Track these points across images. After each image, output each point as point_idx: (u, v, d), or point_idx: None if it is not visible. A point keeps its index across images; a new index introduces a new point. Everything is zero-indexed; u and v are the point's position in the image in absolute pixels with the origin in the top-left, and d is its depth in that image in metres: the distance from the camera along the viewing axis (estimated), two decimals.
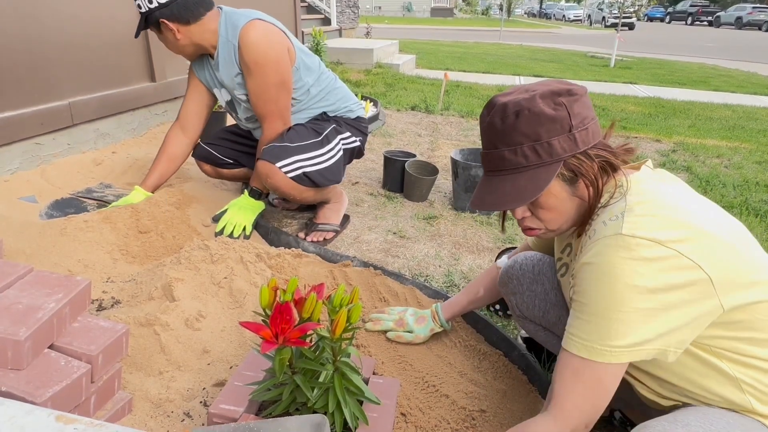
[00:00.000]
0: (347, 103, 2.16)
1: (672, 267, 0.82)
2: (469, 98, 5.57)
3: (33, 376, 0.96)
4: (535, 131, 0.92)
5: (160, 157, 2.11)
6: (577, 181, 0.95)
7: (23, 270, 1.13)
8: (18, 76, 2.21)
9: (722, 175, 3.36)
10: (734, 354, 0.88)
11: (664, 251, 0.83)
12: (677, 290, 0.83)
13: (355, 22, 9.30)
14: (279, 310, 0.93)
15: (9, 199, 2.00)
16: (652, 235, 0.84)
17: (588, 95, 0.96)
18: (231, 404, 1.08)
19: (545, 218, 1.00)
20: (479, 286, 1.48)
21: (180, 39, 1.87)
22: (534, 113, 0.91)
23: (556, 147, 0.92)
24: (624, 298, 0.83)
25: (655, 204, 0.89)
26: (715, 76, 9.21)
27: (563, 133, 0.91)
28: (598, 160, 0.93)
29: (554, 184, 0.95)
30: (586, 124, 0.92)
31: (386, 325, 1.52)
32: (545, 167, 0.93)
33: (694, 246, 0.84)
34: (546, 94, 0.93)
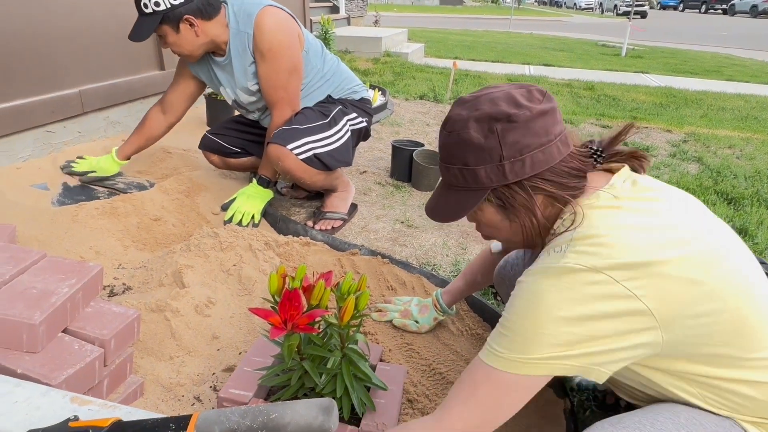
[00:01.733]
0: (351, 84, 2.17)
1: (606, 296, 0.77)
2: (478, 88, 5.53)
3: (47, 359, 0.98)
4: (463, 156, 0.89)
5: (138, 133, 2.17)
6: (509, 209, 0.91)
7: (37, 256, 1.15)
8: (29, 64, 2.23)
9: (734, 165, 3.32)
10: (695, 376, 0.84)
11: (600, 277, 0.77)
12: (608, 319, 0.78)
13: (364, 10, 9.24)
14: (288, 297, 0.95)
15: (21, 187, 2.02)
16: (591, 264, 0.78)
17: (545, 115, 0.86)
18: (240, 389, 1.10)
19: (488, 232, 1.00)
20: (476, 272, 1.47)
21: (200, 37, 1.84)
22: (462, 139, 0.89)
23: (482, 176, 0.88)
24: (545, 326, 0.79)
25: (603, 239, 0.81)
26: (729, 65, 9.08)
27: (491, 163, 0.87)
28: (538, 193, 0.88)
29: (486, 208, 0.93)
30: (523, 154, 0.85)
31: (392, 316, 1.54)
32: (472, 192, 0.91)
33: (640, 280, 0.77)
34: (483, 117, 0.87)
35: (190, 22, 1.80)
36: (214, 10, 1.85)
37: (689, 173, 3.17)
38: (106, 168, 2.17)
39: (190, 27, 1.81)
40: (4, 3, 2.09)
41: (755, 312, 0.82)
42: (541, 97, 0.88)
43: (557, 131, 0.88)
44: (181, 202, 2.09)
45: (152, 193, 2.08)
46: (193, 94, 2.16)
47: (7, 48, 2.13)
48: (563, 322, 0.78)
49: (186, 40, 1.84)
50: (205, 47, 1.91)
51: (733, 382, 0.83)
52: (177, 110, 2.16)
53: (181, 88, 2.13)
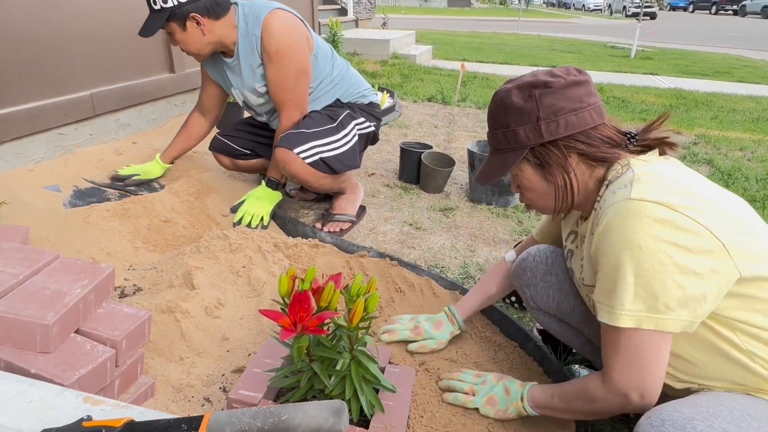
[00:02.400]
0: (360, 88, 2.17)
1: (685, 230, 0.83)
2: (486, 89, 5.53)
3: (60, 359, 0.99)
4: (505, 119, 1.03)
5: (181, 134, 2.25)
6: (546, 168, 1.02)
7: (50, 257, 1.16)
8: (41, 67, 2.26)
9: (745, 168, 3.29)
10: (746, 326, 0.89)
11: (675, 215, 0.84)
12: (694, 255, 0.83)
13: (372, 12, 9.26)
14: (297, 299, 0.95)
15: (34, 188, 2.04)
16: (661, 199, 0.85)
17: (580, 85, 0.99)
18: (250, 390, 1.10)
19: (528, 197, 1.11)
20: (491, 284, 1.47)
21: (206, 35, 1.86)
22: (505, 104, 1.03)
23: (521, 135, 1.01)
24: (640, 259, 0.85)
25: (662, 174, 0.92)
26: (740, 66, 9.00)
27: (529, 123, 1.00)
28: (571, 152, 1.00)
29: (525, 168, 1.05)
30: (558, 116, 0.98)
31: (403, 335, 1.44)
32: (512, 152, 1.04)
33: (704, 214, 0.85)
34: (524, 85, 1.01)
35: (196, 21, 1.82)
36: (223, 10, 1.86)
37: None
38: (149, 171, 2.22)
39: (197, 25, 1.83)
40: (20, 8, 2.13)
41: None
42: (577, 73, 1.01)
43: (591, 101, 0.99)
44: (191, 203, 2.11)
45: (162, 195, 2.10)
46: (220, 96, 2.21)
47: (21, 52, 2.15)
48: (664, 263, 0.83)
49: (193, 38, 1.87)
50: (213, 46, 1.92)
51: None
52: (212, 111, 2.25)
53: (208, 92, 2.20)
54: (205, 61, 2.09)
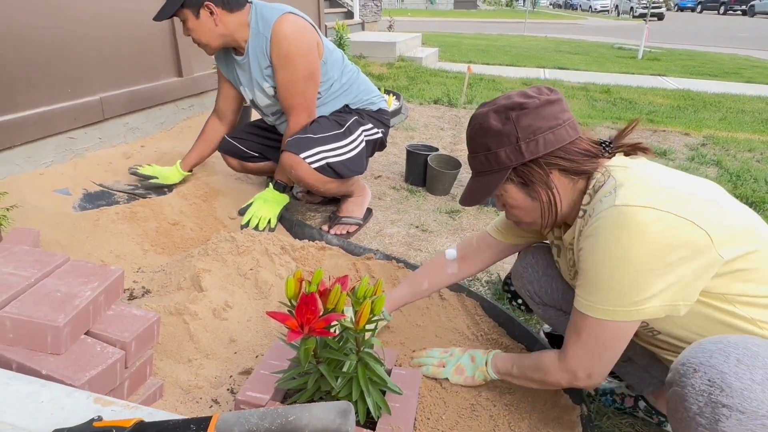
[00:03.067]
0: (369, 95, 2.18)
1: (668, 227, 0.88)
2: (492, 91, 5.53)
3: (71, 360, 1.00)
4: (485, 143, 1.06)
5: (200, 140, 2.28)
6: (530, 186, 1.06)
7: (61, 259, 1.18)
8: (52, 72, 2.29)
9: (754, 169, 3.27)
10: (743, 296, 0.91)
11: (659, 214, 0.89)
12: (676, 249, 0.88)
13: (378, 15, 9.28)
14: (304, 301, 0.96)
15: (44, 192, 2.07)
16: (644, 202, 0.90)
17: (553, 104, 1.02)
18: (257, 392, 1.11)
19: (514, 213, 1.13)
20: (423, 279, 1.42)
21: (218, 26, 1.88)
22: (484, 128, 1.06)
23: (502, 157, 1.04)
24: (624, 262, 0.90)
25: (641, 177, 0.97)
26: (749, 67, 8.94)
27: (509, 145, 1.03)
28: (553, 168, 1.04)
29: (509, 188, 1.08)
30: (536, 135, 1.01)
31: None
32: (495, 173, 1.07)
33: (685, 207, 0.90)
34: (500, 108, 1.04)
35: (210, 10, 1.85)
36: (237, 5, 1.89)
37: (708, 177, 3.12)
38: (167, 176, 2.25)
39: (210, 15, 1.86)
40: (31, 14, 2.15)
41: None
42: (549, 92, 1.05)
43: (566, 118, 1.03)
44: (198, 206, 2.12)
45: (171, 198, 2.12)
46: (236, 98, 2.23)
47: (32, 57, 2.18)
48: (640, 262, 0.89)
49: (205, 27, 1.89)
50: (223, 39, 1.94)
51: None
52: (228, 114, 2.26)
53: (224, 94, 2.22)
54: (219, 60, 2.12)
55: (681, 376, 0.84)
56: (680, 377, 0.84)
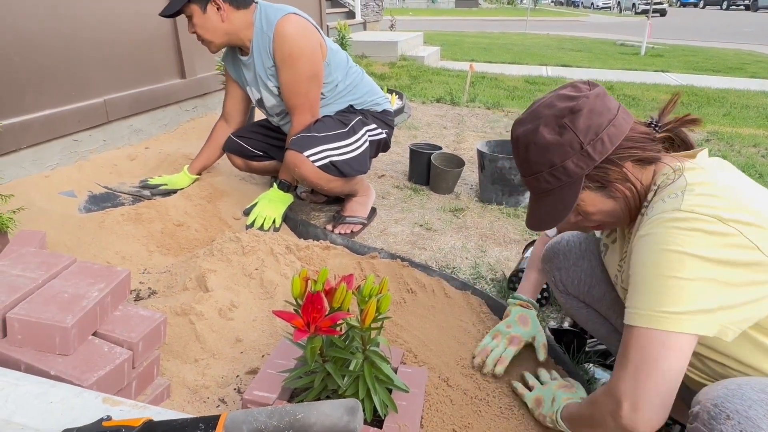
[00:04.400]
0: (374, 96, 2.18)
1: (732, 245, 0.81)
2: (495, 89, 5.52)
3: (79, 361, 1.01)
4: (547, 159, 0.97)
5: (207, 145, 2.29)
6: (608, 187, 0.98)
7: (67, 261, 1.18)
8: (57, 75, 2.30)
9: (759, 164, 3.26)
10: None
11: (725, 228, 0.82)
12: (738, 267, 0.81)
13: (379, 14, 9.28)
14: (310, 300, 0.96)
15: (50, 194, 2.08)
16: (712, 213, 0.83)
17: (600, 98, 0.96)
18: (264, 391, 1.11)
19: (596, 219, 1.04)
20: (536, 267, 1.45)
21: (224, 22, 1.90)
22: (540, 145, 0.97)
23: (572, 168, 0.96)
24: (680, 264, 0.82)
25: (715, 185, 0.88)
26: (752, 62, 8.89)
27: (575, 153, 0.95)
28: (627, 162, 0.96)
29: (587, 195, 0.99)
30: (599, 134, 0.94)
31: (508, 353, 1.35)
32: (568, 187, 0.98)
33: (755, 229, 0.82)
34: (549, 120, 0.96)
35: (218, 5, 1.86)
36: (244, 3, 1.91)
37: None
38: (177, 182, 2.26)
39: (218, 10, 1.87)
40: (36, 19, 2.17)
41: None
42: (588, 86, 0.98)
43: (616, 105, 0.97)
44: (203, 207, 2.13)
45: (175, 199, 2.12)
46: (243, 97, 2.24)
47: (38, 61, 2.20)
48: (699, 266, 0.81)
49: (211, 23, 1.90)
50: (228, 37, 1.95)
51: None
52: (236, 116, 2.28)
53: (231, 95, 2.23)
54: (227, 61, 2.14)
55: (711, 418, 0.76)
56: (709, 419, 0.76)
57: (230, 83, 2.21)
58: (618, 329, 1.24)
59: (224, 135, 2.27)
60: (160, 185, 2.25)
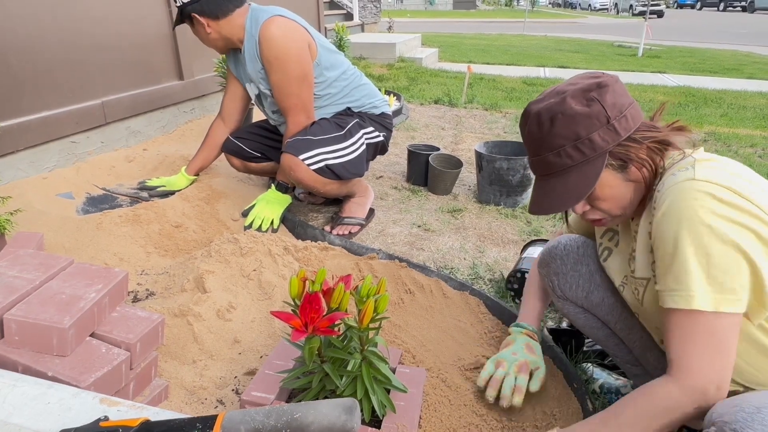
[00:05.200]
0: (372, 99, 2.18)
1: (751, 215, 0.82)
2: (492, 91, 5.53)
3: (77, 362, 1.01)
4: (573, 131, 0.96)
5: (204, 145, 2.30)
6: (627, 167, 0.97)
7: (65, 262, 1.18)
8: (55, 77, 2.30)
9: (756, 165, 3.27)
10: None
11: (742, 201, 0.82)
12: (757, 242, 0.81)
13: (377, 16, 9.29)
14: (308, 300, 0.96)
15: (48, 196, 2.08)
16: (727, 184, 0.84)
17: (620, 82, 0.99)
18: (262, 392, 1.11)
19: (605, 207, 1.02)
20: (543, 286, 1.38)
21: (210, 33, 1.96)
22: (568, 115, 0.95)
23: (598, 141, 0.95)
24: (710, 239, 0.82)
25: (723, 163, 0.91)
26: (749, 63, 8.92)
27: (602, 126, 0.94)
28: (647, 142, 0.96)
29: (605, 175, 0.97)
30: (623, 111, 0.95)
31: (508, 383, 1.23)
32: (591, 162, 0.96)
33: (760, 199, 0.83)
34: (576, 93, 0.96)
35: (197, 20, 1.93)
36: (222, 12, 1.94)
37: None
38: (175, 183, 2.27)
39: (199, 24, 1.95)
40: (34, 20, 2.17)
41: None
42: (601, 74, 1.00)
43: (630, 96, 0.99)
44: (201, 208, 2.13)
45: (173, 201, 2.12)
46: (243, 95, 2.25)
47: (36, 62, 2.20)
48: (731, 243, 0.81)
49: (201, 35, 2.00)
50: (223, 42, 2.01)
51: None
52: (233, 114, 2.28)
53: (231, 92, 2.24)
54: (229, 57, 2.17)
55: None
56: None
57: (231, 80, 2.22)
58: (617, 333, 1.24)
59: (221, 135, 2.27)
60: (159, 187, 2.24)
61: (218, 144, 2.28)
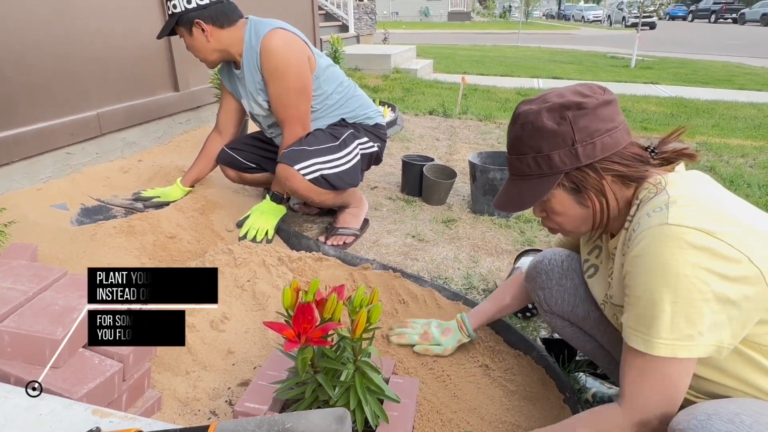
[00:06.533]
0: (366, 110, 2.20)
1: (723, 258, 0.82)
2: (487, 102, 5.57)
3: (69, 373, 1.01)
4: (537, 144, 0.97)
5: (200, 157, 2.30)
6: (581, 192, 0.98)
7: (58, 273, 1.19)
8: (50, 88, 2.31)
9: (747, 174, 3.30)
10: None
11: (714, 242, 0.82)
12: (730, 282, 0.82)
13: (373, 28, 9.37)
14: (301, 311, 0.97)
15: (42, 207, 2.08)
16: (700, 226, 0.83)
17: (609, 107, 0.96)
18: (255, 402, 1.11)
19: (557, 221, 1.05)
20: (505, 294, 1.47)
21: (210, 42, 1.94)
22: (536, 127, 0.97)
23: (556, 161, 0.96)
24: (679, 291, 0.83)
25: (697, 198, 0.89)
26: (740, 74, 9.03)
27: (564, 147, 0.95)
28: (608, 174, 0.96)
29: (558, 193, 1.00)
30: (594, 137, 0.94)
31: (411, 339, 1.49)
32: (545, 178, 0.98)
33: (742, 239, 0.83)
34: (555, 107, 0.96)
35: (201, 27, 1.90)
36: (228, 21, 1.93)
37: None
38: (170, 194, 2.27)
39: (202, 32, 1.91)
40: (30, 31, 2.18)
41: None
42: (603, 92, 0.98)
43: (620, 120, 0.97)
44: (196, 219, 2.13)
45: (168, 212, 2.12)
46: (238, 109, 2.25)
47: (31, 74, 2.21)
48: (691, 281, 0.82)
49: (199, 43, 1.96)
50: (219, 54, 1.99)
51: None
52: (229, 128, 2.29)
53: (225, 107, 2.25)
54: (222, 73, 2.17)
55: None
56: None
57: (225, 95, 2.23)
58: (603, 346, 1.25)
59: (217, 147, 2.28)
60: (153, 198, 2.25)
61: (214, 156, 2.29)
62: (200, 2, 1.88)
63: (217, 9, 1.91)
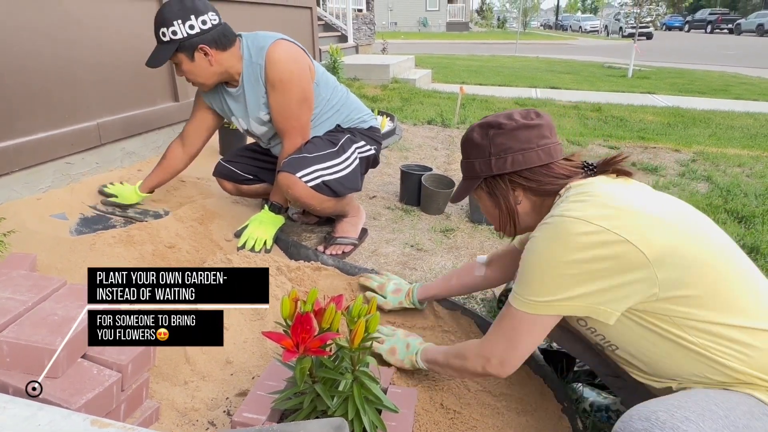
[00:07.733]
0: (360, 114, 2.22)
1: (596, 241, 0.95)
2: (485, 111, 5.60)
3: (68, 383, 1.01)
4: (467, 151, 1.21)
5: (160, 167, 2.26)
6: (495, 197, 1.19)
7: (57, 283, 1.19)
8: (50, 98, 2.32)
9: (743, 184, 3.32)
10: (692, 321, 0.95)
11: (589, 227, 0.96)
12: (602, 261, 0.95)
13: (372, 38, 9.44)
14: (299, 321, 0.97)
15: (41, 217, 2.08)
16: (579, 215, 0.98)
17: (531, 129, 1.12)
18: (254, 413, 1.11)
19: (487, 217, 1.28)
20: (453, 277, 1.64)
21: (213, 66, 1.91)
22: (468, 138, 1.20)
23: (476, 167, 1.19)
24: (550, 265, 0.99)
25: (587, 193, 1.04)
26: (736, 84, 9.10)
27: (482, 157, 1.17)
28: (514, 186, 1.16)
29: (481, 195, 1.23)
30: (507, 154, 1.13)
31: (371, 284, 1.72)
32: (471, 180, 1.22)
33: (624, 223, 0.95)
34: (484, 125, 1.18)
35: (204, 52, 1.87)
36: (229, 42, 1.92)
37: (699, 192, 3.17)
38: (126, 197, 2.26)
39: (205, 56, 1.89)
40: (30, 41, 2.20)
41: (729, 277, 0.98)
42: (535, 117, 1.16)
43: (541, 143, 1.13)
44: (195, 229, 2.14)
45: (167, 221, 2.13)
46: (210, 126, 2.22)
47: (31, 84, 2.22)
48: (564, 266, 0.98)
49: (201, 69, 1.92)
50: (219, 77, 1.97)
51: (727, 328, 0.95)
52: (195, 142, 2.23)
53: (197, 121, 2.20)
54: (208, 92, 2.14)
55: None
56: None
57: (201, 109, 2.18)
58: (591, 347, 1.27)
59: (177, 159, 2.23)
60: (111, 196, 2.25)
61: (175, 169, 2.25)
62: (203, 27, 1.85)
63: (218, 32, 1.88)
